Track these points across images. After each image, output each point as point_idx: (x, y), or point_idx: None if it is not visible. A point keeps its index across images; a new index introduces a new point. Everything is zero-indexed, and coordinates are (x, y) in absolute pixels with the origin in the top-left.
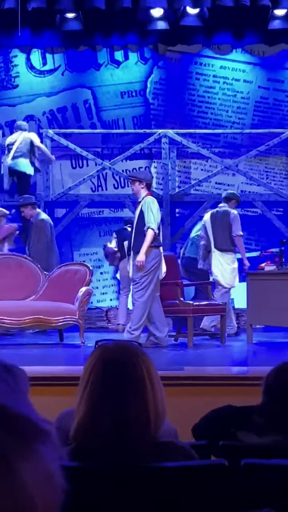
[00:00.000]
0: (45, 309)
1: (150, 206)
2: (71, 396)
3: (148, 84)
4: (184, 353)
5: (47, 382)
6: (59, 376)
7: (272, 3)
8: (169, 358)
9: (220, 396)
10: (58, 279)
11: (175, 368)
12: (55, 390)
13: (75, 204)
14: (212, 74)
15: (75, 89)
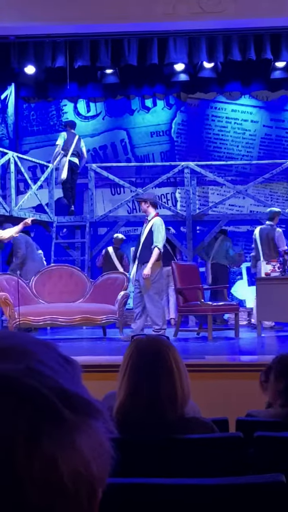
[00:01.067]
0: (91, 310)
1: (159, 228)
2: (113, 381)
3: (173, 125)
4: (205, 345)
5: (94, 369)
6: (103, 364)
7: (274, 57)
8: (193, 349)
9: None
10: (102, 285)
11: (197, 357)
12: (100, 375)
13: (114, 224)
14: (225, 116)
15: (113, 131)
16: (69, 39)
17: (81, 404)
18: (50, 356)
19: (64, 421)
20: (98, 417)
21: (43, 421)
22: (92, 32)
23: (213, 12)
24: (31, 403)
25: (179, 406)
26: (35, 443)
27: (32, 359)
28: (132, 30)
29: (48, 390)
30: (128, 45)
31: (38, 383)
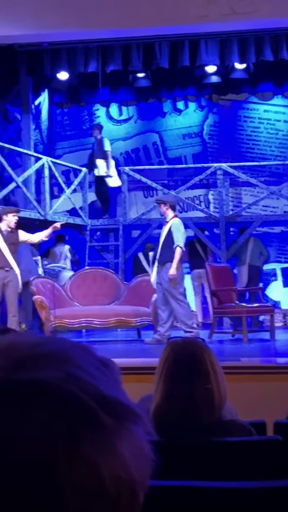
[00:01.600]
0: (125, 312)
1: (179, 228)
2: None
3: (205, 127)
4: (240, 347)
5: (129, 371)
6: (139, 366)
7: None
8: (228, 351)
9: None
10: (136, 287)
11: (233, 359)
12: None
13: (147, 226)
14: (257, 117)
15: (145, 134)
16: (101, 44)
17: (120, 409)
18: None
19: (104, 427)
20: (137, 422)
21: (82, 426)
22: (124, 37)
23: (244, 13)
24: (71, 409)
25: (216, 409)
26: (75, 448)
27: (71, 365)
28: (164, 34)
29: (87, 396)
30: (160, 48)
31: (77, 390)
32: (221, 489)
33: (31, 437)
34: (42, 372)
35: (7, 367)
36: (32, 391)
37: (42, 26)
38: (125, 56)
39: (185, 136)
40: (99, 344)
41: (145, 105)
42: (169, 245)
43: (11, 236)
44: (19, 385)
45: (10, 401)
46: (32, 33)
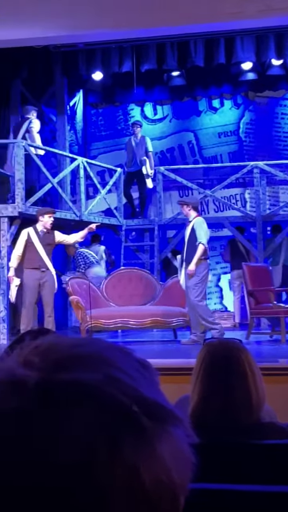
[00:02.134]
0: (161, 312)
1: (201, 225)
2: (186, 384)
3: (241, 125)
4: (278, 348)
5: (166, 372)
6: (175, 367)
7: None
8: (266, 352)
9: None
10: (171, 288)
11: (271, 360)
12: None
13: (182, 226)
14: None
15: (180, 133)
16: (136, 44)
17: (161, 412)
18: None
19: (144, 430)
20: (177, 424)
21: (123, 430)
22: (158, 36)
23: (281, 9)
24: (112, 411)
25: (254, 411)
26: (116, 451)
27: (110, 367)
28: (199, 32)
29: (128, 399)
30: (195, 46)
31: (117, 392)
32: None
33: (71, 438)
34: (82, 374)
35: (47, 368)
36: (73, 393)
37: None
38: (159, 55)
39: (221, 134)
40: (134, 344)
41: (180, 104)
42: (193, 244)
43: (47, 237)
44: (60, 386)
45: (51, 402)
46: (67, 34)
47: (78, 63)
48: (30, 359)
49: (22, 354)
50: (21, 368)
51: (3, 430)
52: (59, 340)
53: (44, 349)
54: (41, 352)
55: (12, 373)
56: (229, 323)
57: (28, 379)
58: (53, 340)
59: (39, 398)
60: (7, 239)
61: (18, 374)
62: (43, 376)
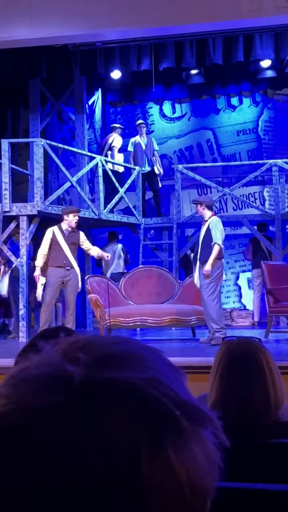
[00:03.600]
0: (180, 311)
1: (217, 225)
2: (204, 382)
3: (260, 123)
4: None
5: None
6: (194, 365)
7: None
8: (285, 350)
9: None
10: (190, 286)
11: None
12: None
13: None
14: None
15: (199, 131)
16: (154, 42)
17: (197, 413)
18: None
19: (183, 431)
20: (210, 426)
21: (164, 430)
22: (176, 34)
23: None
24: (154, 412)
25: (272, 410)
26: (158, 451)
27: (150, 367)
28: (217, 29)
29: (168, 400)
30: (213, 44)
31: (159, 393)
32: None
33: (114, 437)
34: (125, 373)
35: (89, 364)
36: (117, 391)
37: (95, 25)
38: (178, 53)
39: (240, 132)
40: (153, 342)
41: (198, 102)
42: (209, 244)
43: (72, 236)
44: (105, 384)
45: (95, 399)
46: (86, 33)
47: (97, 62)
48: (75, 354)
49: (64, 349)
50: (67, 364)
51: (48, 428)
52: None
53: (84, 346)
54: (83, 348)
55: (58, 368)
56: (248, 322)
57: (75, 375)
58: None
59: (85, 395)
60: (26, 237)
61: (64, 369)
62: (87, 373)
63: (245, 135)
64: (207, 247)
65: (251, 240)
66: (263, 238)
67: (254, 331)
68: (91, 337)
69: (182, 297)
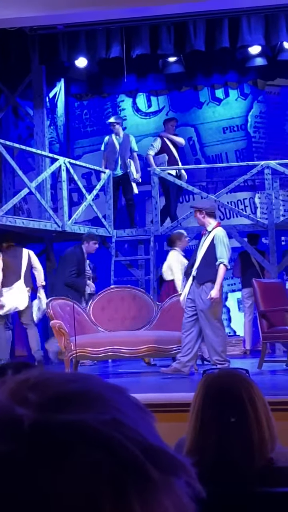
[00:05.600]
0: (159, 338)
1: (223, 240)
2: (187, 422)
3: (249, 118)
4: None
5: (164, 408)
6: (175, 402)
7: None
8: (282, 383)
9: None
10: (170, 309)
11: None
12: (172, 416)
13: None
14: None
15: (179, 128)
16: (126, 25)
17: (167, 460)
18: (126, 404)
19: (150, 480)
20: (183, 475)
21: (130, 479)
22: (151, 15)
23: None
24: (118, 459)
25: (257, 453)
26: (122, 502)
27: (112, 408)
28: (198, 10)
29: (134, 445)
30: (194, 28)
31: (123, 437)
32: None
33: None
34: (82, 414)
35: (41, 405)
36: (74, 436)
37: (56, 6)
38: (153, 38)
39: (226, 129)
40: (127, 376)
41: (178, 94)
42: (211, 262)
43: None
44: (58, 428)
45: (48, 447)
46: (45, 14)
47: (59, 48)
48: (24, 395)
49: (11, 389)
50: (15, 406)
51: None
52: (49, 374)
53: (35, 384)
54: (34, 388)
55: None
56: (239, 350)
57: (24, 419)
58: (42, 375)
59: (36, 442)
60: None
61: (12, 412)
62: (39, 415)
63: (233, 132)
64: (209, 265)
65: (240, 255)
66: (255, 251)
67: (245, 361)
68: (43, 375)
69: (161, 322)
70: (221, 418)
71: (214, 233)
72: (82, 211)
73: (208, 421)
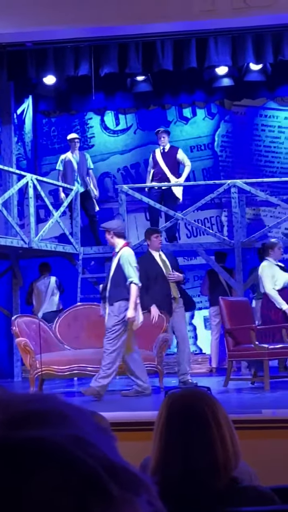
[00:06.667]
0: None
1: (128, 260)
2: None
3: (216, 137)
4: (261, 396)
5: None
6: (141, 421)
7: None
8: (247, 401)
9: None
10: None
11: (253, 411)
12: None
13: None
14: (277, 125)
15: (147, 146)
16: (94, 44)
17: (128, 478)
18: (87, 423)
19: (112, 498)
20: (144, 493)
21: (91, 496)
22: (120, 35)
23: (259, 6)
24: (78, 476)
25: (222, 471)
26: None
27: (73, 426)
28: (166, 31)
29: (95, 462)
30: (162, 47)
31: (84, 454)
32: None
33: (35, 501)
34: (42, 431)
35: (3, 423)
36: (37, 453)
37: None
38: (121, 57)
39: (193, 148)
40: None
41: (146, 112)
42: (119, 282)
43: None
44: (21, 445)
45: (11, 463)
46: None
47: (27, 65)
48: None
49: None
50: None
51: None
52: (9, 395)
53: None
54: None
55: None
56: (205, 368)
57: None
58: (3, 395)
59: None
60: None
61: None
62: (1, 433)
63: (200, 151)
64: (118, 286)
65: (208, 273)
66: (222, 270)
67: (211, 379)
68: (5, 395)
69: None
70: (185, 436)
71: (120, 254)
72: (49, 227)
73: (172, 439)
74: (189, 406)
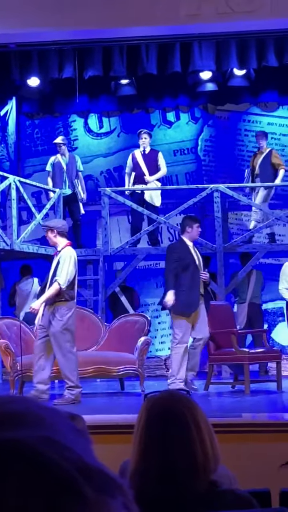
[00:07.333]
0: (106, 359)
1: (65, 260)
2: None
3: (199, 142)
4: (242, 400)
5: (110, 430)
6: (121, 424)
7: None
8: (227, 405)
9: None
10: (118, 330)
11: (233, 415)
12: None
13: (132, 257)
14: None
15: (130, 149)
16: (78, 46)
17: (103, 480)
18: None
19: (86, 500)
20: (119, 495)
21: (64, 498)
22: (104, 38)
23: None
24: (51, 477)
25: (201, 476)
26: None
27: (48, 428)
28: (151, 35)
29: (69, 464)
30: (146, 51)
31: (58, 455)
32: None
33: (7, 501)
34: (18, 432)
35: None
36: (9, 453)
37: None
38: (106, 60)
39: (176, 152)
40: None
41: (129, 116)
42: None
43: None
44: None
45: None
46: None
47: (11, 66)
48: None
49: None
50: None
51: None
52: None
53: None
54: None
55: None
56: None
57: None
58: None
59: None
60: None
61: None
62: None
63: (183, 155)
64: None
65: None
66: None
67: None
68: None
69: (109, 343)
70: (164, 439)
71: (61, 253)
72: (31, 229)
73: (151, 442)
74: (169, 409)
